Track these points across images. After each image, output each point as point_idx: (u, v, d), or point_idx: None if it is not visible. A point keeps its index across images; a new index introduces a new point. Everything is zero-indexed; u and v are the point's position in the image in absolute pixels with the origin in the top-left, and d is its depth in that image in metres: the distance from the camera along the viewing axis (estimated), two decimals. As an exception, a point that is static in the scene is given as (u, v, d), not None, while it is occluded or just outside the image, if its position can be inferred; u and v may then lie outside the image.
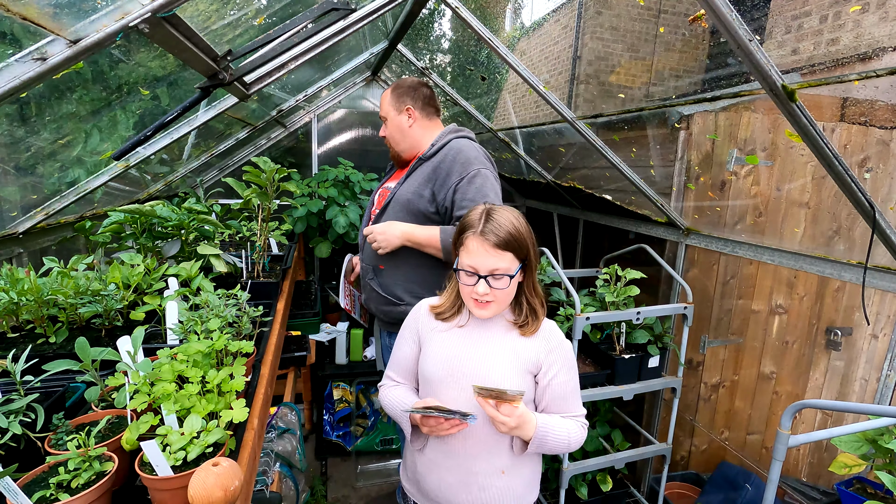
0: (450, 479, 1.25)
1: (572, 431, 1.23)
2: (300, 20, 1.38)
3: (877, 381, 2.23)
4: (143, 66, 1.55)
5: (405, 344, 1.35)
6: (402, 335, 1.37)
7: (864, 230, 1.50)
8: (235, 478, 0.74)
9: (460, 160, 1.70)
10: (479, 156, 1.74)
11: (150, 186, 2.53)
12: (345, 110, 3.58)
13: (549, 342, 1.24)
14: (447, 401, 1.22)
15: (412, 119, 1.85)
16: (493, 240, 1.13)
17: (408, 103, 1.85)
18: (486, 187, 1.67)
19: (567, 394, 1.25)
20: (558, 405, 1.25)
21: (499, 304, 1.19)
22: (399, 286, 1.82)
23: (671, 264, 2.46)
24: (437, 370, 1.25)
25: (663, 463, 2.42)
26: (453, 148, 1.74)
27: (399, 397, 1.31)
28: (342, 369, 3.09)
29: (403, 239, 1.72)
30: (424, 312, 1.34)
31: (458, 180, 1.68)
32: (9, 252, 1.61)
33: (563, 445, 1.21)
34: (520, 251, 1.16)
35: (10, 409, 0.83)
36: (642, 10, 4.76)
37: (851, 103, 2.23)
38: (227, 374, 0.95)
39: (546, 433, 1.18)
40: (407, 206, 1.77)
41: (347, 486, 3.00)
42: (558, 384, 1.24)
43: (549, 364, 1.23)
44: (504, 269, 1.15)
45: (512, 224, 1.15)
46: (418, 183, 1.77)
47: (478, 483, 1.24)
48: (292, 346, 2.56)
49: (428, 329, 1.31)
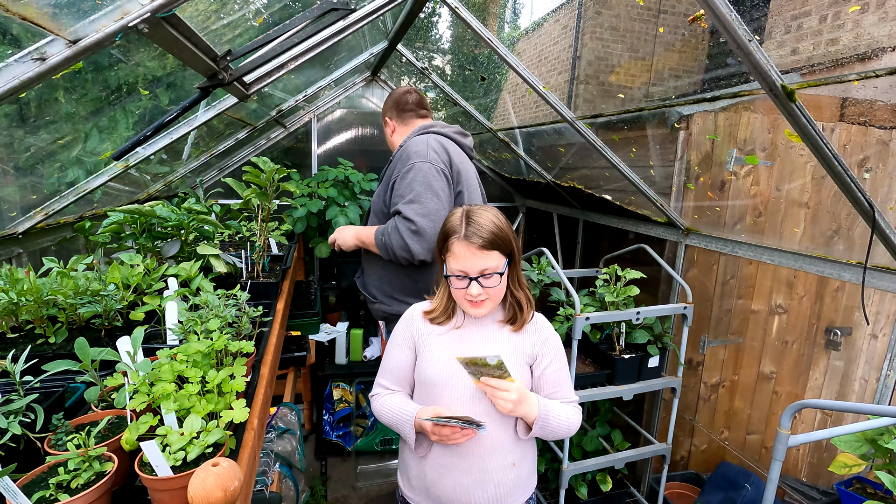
0: (465, 480, 1.25)
1: (570, 414, 1.28)
2: (300, 20, 1.37)
3: (876, 381, 2.23)
4: (142, 66, 1.55)
5: (398, 351, 1.33)
6: (394, 342, 1.35)
7: (864, 230, 1.50)
8: (235, 478, 0.74)
9: (403, 157, 1.74)
10: (423, 150, 1.72)
11: (150, 186, 2.53)
12: (344, 110, 3.58)
13: (541, 333, 1.30)
14: (450, 402, 1.23)
15: (391, 128, 1.99)
16: (478, 242, 1.15)
17: (387, 115, 2.00)
18: (415, 181, 1.67)
19: (561, 380, 1.31)
20: (555, 392, 1.30)
21: (493, 300, 1.23)
22: (373, 286, 1.92)
23: (671, 264, 2.46)
24: (438, 373, 1.25)
25: (663, 463, 2.42)
26: (405, 146, 1.78)
27: (397, 406, 1.28)
28: (342, 369, 3.09)
29: (355, 239, 1.87)
30: (418, 318, 1.33)
31: (396, 177, 1.73)
32: (8, 252, 1.61)
33: (564, 428, 1.25)
34: (504, 248, 1.19)
35: (9, 409, 0.82)
36: (642, 10, 4.76)
37: (851, 103, 2.23)
38: (226, 375, 0.95)
39: (548, 413, 1.22)
40: (374, 209, 1.89)
41: (347, 486, 3.00)
42: (552, 372, 1.29)
43: (543, 354, 1.28)
44: (493, 268, 1.18)
45: (493, 223, 1.18)
46: (381, 186, 1.87)
47: (493, 480, 1.25)
48: (292, 346, 2.56)
49: (424, 334, 1.30)
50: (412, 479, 1.34)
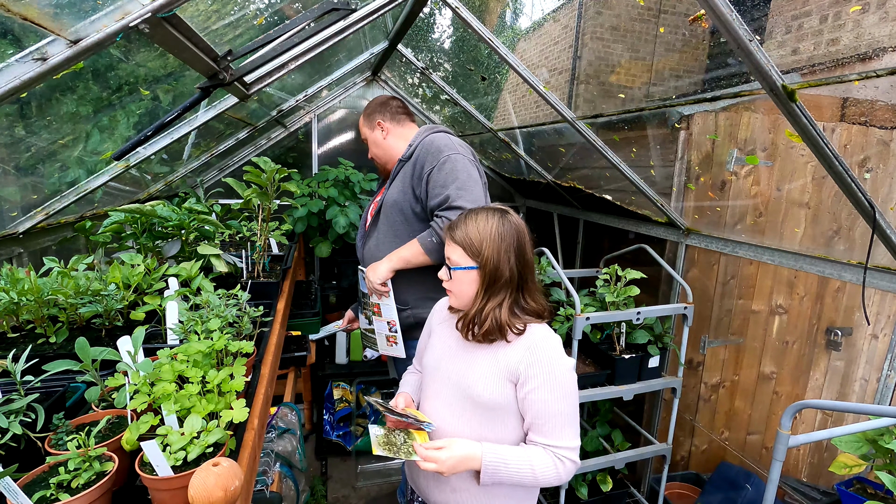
0: (427, 474, 1.30)
1: (539, 464, 1.13)
2: (300, 20, 1.38)
3: (877, 382, 2.23)
4: (143, 66, 1.55)
5: (422, 335, 1.48)
6: (423, 327, 1.50)
7: (864, 230, 1.50)
8: (235, 478, 0.74)
9: (432, 151, 1.74)
10: (451, 143, 1.75)
11: (151, 186, 2.53)
12: (345, 110, 3.58)
13: (532, 354, 1.17)
14: (431, 393, 1.31)
15: (385, 131, 1.94)
16: (450, 233, 1.24)
17: (377, 118, 1.94)
18: (456, 169, 1.68)
19: (548, 416, 1.15)
20: (537, 426, 1.17)
21: (456, 296, 1.26)
22: (404, 291, 1.83)
23: (671, 264, 2.46)
24: (429, 362, 1.35)
25: (663, 463, 2.42)
26: (426, 142, 1.78)
27: (404, 383, 1.47)
28: (342, 369, 3.09)
29: (389, 269, 1.77)
30: (439, 308, 1.45)
31: (430, 169, 1.71)
32: (9, 252, 1.61)
33: (529, 479, 1.13)
34: (471, 249, 1.20)
35: (10, 409, 0.83)
36: (642, 10, 4.75)
37: (851, 103, 2.23)
38: (227, 375, 0.95)
39: (497, 467, 1.12)
40: (395, 207, 1.82)
41: (347, 486, 3.00)
42: (536, 401, 1.15)
43: (527, 377, 1.16)
44: (454, 262, 1.23)
45: (475, 226, 1.21)
46: (402, 183, 1.82)
47: (450, 484, 1.25)
48: (292, 346, 2.55)
49: (436, 322, 1.41)
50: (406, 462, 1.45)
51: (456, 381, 1.24)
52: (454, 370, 1.25)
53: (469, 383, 1.21)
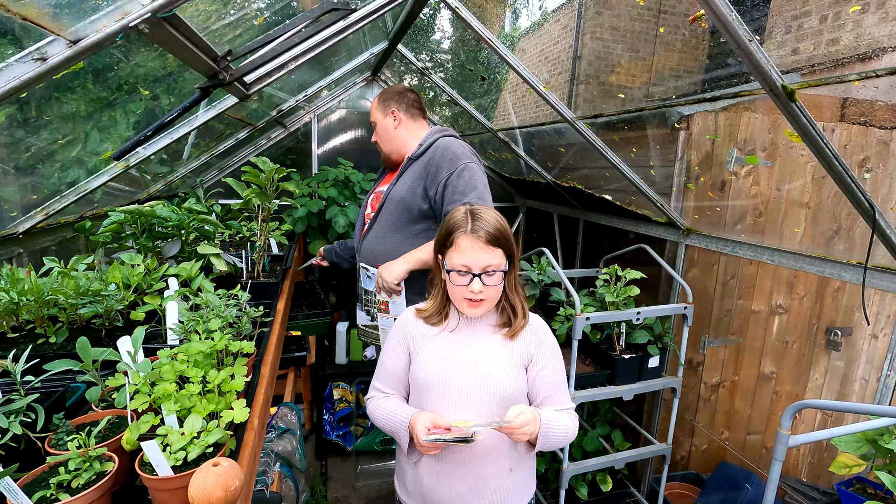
0: (460, 487, 1.23)
1: (568, 424, 1.26)
2: (300, 20, 1.38)
3: (877, 382, 2.23)
4: (142, 66, 1.55)
5: (393, 353, 1.32)
6: (389, 345, 1.34)
7: (864, 230, 1.50)
8: (236, 478, 0.74)
9: (448, 156, 1.76)
10: (466, 151, 1.80)
11: (150, 186, 2.53)
12: (345, 110, 3.58)
13: (537, 335, 1.28)
14: (443, 405, 1.22)
15: (397, 121, 1.94)
16: (484, 236, 1.16)
17: (392, 107, 1.94)
18: (474, 179, 1.74)
19: (556, 385, 1.28)
20: (550, 397, 1.28)
21: (490, 301, 1.22)
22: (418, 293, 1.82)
23: (671, 264, 2.46)
24: (432, 376, 1.24)
25: (663, 463, 2.42)
26: (441, 145, 1.79)
27: (391, 409, 1.27)
28: (342, 369, 3.09)
29: (406, 270, 1.77)
30: (412, 320, 1.32)
31: (447, 175, 1.73)
32: (9, 252, 1.61)
33: (563, 438, 1.24)
34: (507, 247, 1.20)
35: (10, 409, 0.83)
36: (642, 10, 4.76)
37: (851, 103, 2.23)
38: (227, 375, 0.95)
39: (549, 428, 1.20)
40: (402, 204, 1.82)
41: (347, 485, 3.00)
42: (547, 375, 1.27)
43: (538, 356, 1.26)
44: (496, 265, 1.18)
45: (497, 221, 1.20)
46: (411, 181, 1.82)
47: (490, 486, 1.23)
48: (292, 346, 2.56)
49: (418, 336, 1.29)
50: (408, 483, 1.33)
51: (477, 382, 1.21)
52: (471, 373, 1.22)
53: (493, 379, 1.21)
